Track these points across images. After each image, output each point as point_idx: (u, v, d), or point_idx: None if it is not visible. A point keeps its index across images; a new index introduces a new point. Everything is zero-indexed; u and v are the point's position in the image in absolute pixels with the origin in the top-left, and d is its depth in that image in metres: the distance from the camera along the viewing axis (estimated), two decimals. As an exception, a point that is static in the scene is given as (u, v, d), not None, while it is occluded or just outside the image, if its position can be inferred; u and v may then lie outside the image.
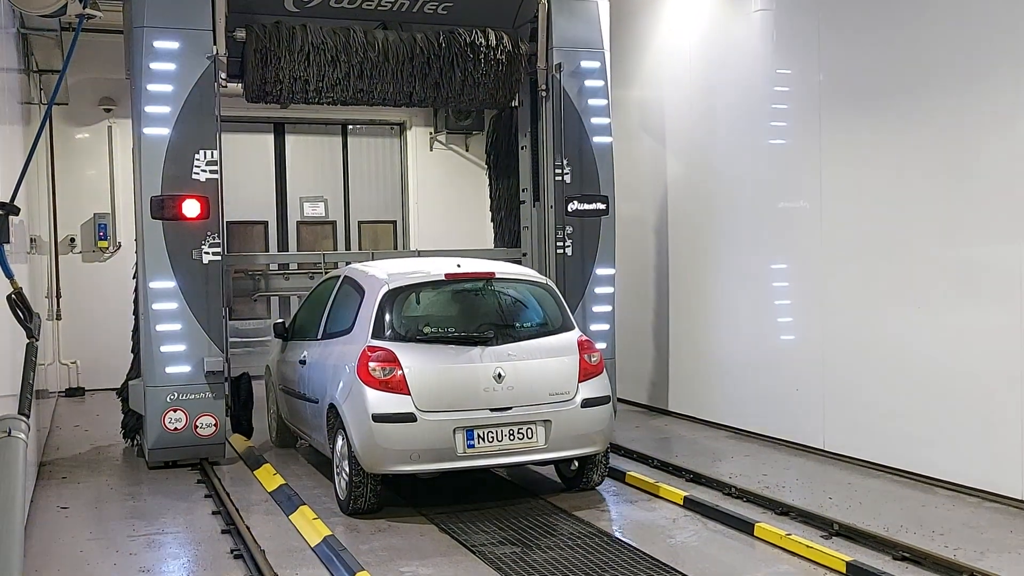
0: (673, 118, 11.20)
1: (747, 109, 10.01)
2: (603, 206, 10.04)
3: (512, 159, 11.12)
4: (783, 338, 9.61)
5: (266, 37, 9.47)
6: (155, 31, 8.70)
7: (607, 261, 10.11)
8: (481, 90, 10.23)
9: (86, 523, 7.37)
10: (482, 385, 7.24)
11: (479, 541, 6.67)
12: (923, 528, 6.69)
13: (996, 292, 7.30)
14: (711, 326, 10.59)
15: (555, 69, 9.88)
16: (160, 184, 8.69)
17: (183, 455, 8.95)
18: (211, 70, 8.82)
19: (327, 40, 9.58)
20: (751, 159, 9.98)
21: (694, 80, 10.82)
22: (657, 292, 11.51)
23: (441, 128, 15.98)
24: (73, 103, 13.85)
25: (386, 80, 9.87)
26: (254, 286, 10.49)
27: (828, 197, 8.92)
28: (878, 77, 8.34)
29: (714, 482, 7.98)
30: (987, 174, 7.37)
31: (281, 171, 15.84)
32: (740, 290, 10.15)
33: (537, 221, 10.43)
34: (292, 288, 10.78)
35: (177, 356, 8.80)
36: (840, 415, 8.83)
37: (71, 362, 14.06)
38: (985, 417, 7.40)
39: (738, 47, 10.11)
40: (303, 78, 9.62)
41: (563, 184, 9.88)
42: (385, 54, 9.75)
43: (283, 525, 7.17)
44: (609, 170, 10.11)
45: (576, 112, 9.96)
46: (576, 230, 9.95)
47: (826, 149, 8.92)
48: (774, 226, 9.66)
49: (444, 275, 7.87)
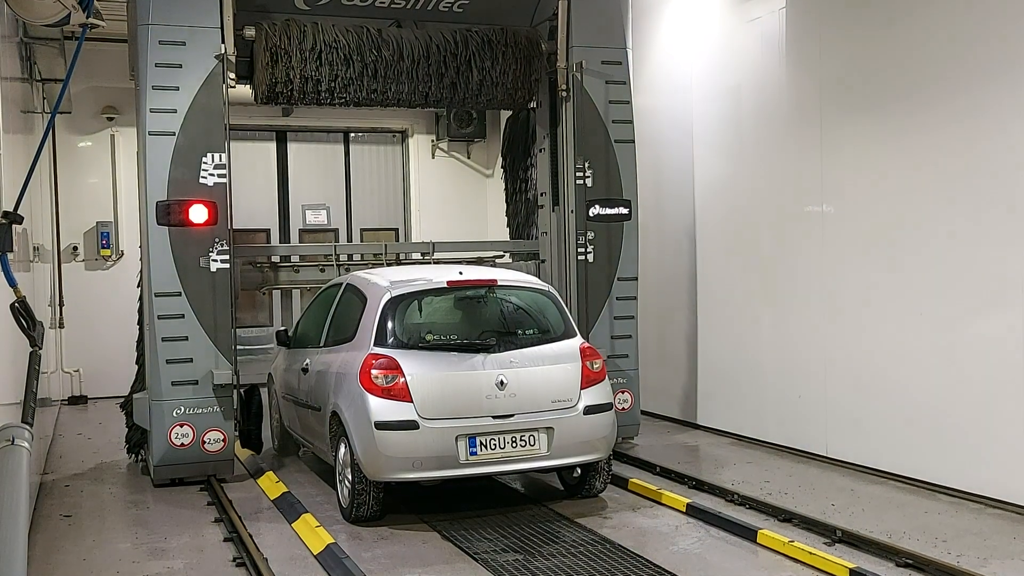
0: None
1: (747, 114, 10.03)
2: (626, 210, 9.71)
3: (529, 162, 10.82)
4: (786, 344, 9.60)
5: (276, 35, 9.14)
6: (161, 29, 8.40)
7: (630, 268, 9.76)
8: (499, 90, 9.87)
9: (89, 532, 7.37)
10: (484, 392, 7.24)
11: (482, 548, 6.67)
12: (926, 534, 6.68)
13: (997, 298, 7.30)
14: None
15: (575, 68, 9.52)
16: (166, 189, 8.39)
17: (190, 472, 8.59)
18: (219, 70, 8.52)
19: (340, 38, 9.26)
20: (742, 164, 10.01)
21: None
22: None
23: (443, 136, 16.03)
24: (76, 112, 13.93)
25: (401, 80, 9.51)
26: (263, 278, 10.03)
27: (829, 203, 8.93)
28: (876, 83, 8.36)
29: (717, 489, 7.98)
30: (987, 181, 7.38)
31: (283, 179, 15.86)
32: (749, 297, 10.14)
33: (556, 226, 10.05)
34: (302, 281, 10.26)
35: (184, 368, 8.46)
36: (842, 421, 8.83)
37: (74, 370, 14.09)
38: (987, 423, 7.40)
39: (741, 52, 10.13)
40: (315, 78, 9.26)
41: (584, 188, 9.56)
42: (400, 53, 9.42)
43: (286, 533, 7.17)
44: (632, 173, 9.78)
45: (598, 113, 9.62)
46: (598, 235, 9.63)
47: (827, 155, 8.93)
48: (778, 232, 9.65)
49: (446, 282, 7.88)
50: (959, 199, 7.60)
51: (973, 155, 7.49)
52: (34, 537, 7.09)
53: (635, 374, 9.76)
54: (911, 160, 8.05)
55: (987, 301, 7.39)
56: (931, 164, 7.84)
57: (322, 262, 10.21)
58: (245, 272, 9.81)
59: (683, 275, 11.07)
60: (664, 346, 11.41)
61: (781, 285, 9.64)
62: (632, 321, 9.79)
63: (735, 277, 10.30)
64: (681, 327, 11.11)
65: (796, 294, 9.44)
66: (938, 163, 7.78)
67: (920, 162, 7.96)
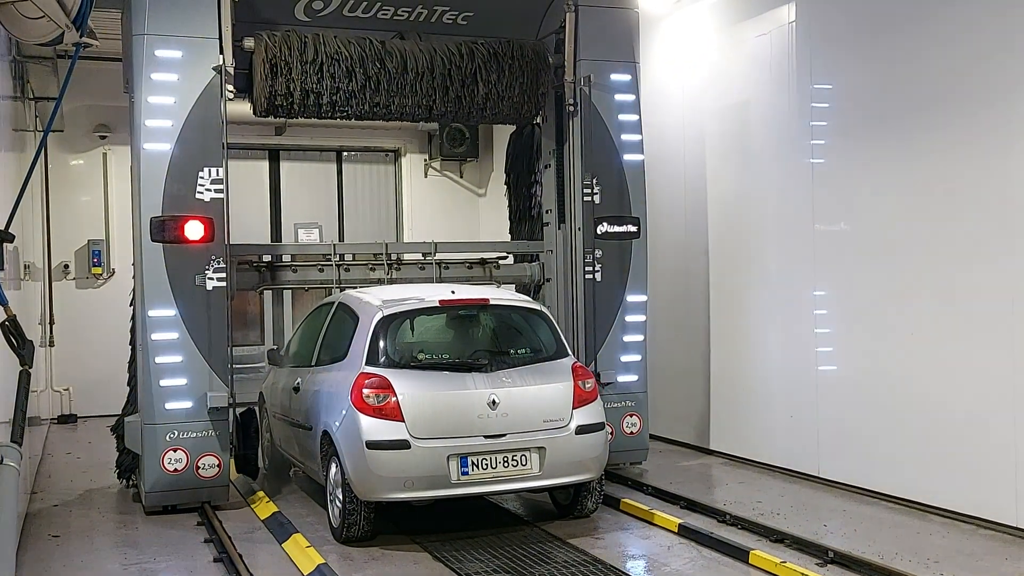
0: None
1: (755, 129, 10.06)
2: (635, 228, 9.46)
3: (534, 179, 10.54)
4: (778, 364, 9.61)
5: (276, 46, 8.85)
6: (156, 39, 8.15)
7: (639, 287, 9.49)
8: (505, 104, 9.61)
9: (77, 551, 7.32)
10: (476, 412, 7.22)
11: (473, 570, 6.63)
12: (918, 556, 6.67)
13: (989, 319, 7.32)
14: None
15: (583, 82, 9.31)
16: (161, 204, 8.11)
17: (183, 499, 8.27)
18: (216, 82, 8.28)
19: (342, 50, 9.00)
20: (752, 180, 10.03)
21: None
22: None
23: (436, 155, 16.06)
24: (68, 130, 13.91)
25: (405, 93, 9.23)
26: (260, 278, 9.66)
27: (819, 222, 8.96)
28: (868, 105, 8.42)
29: (709, 509, 7.96)
30: (985, 201, 7.40)
31: (276, 197, 15.86)
32: (749, 318, 10.10)
33: (563, 244, 9.76)
34: (300, 281, 9.85)
35: (178, 391, 8.15)
36: (835, 442, 8.83)
37: (64, 389, 14.01)
38: (979, 444, 7.40)
39: (748, 67, 10.15)
40: (316, 91, 8.98)
41: (592, 205, 9.31)
42: (404, 65, 9.17)
43: (276, 553, 7.13)
44: (641, 190, 9.53)
45: (606, 128, 9.39)
46: (606, 254, 9.37)
47: (818, 175, 8.97)
48: (770, 252, 9.67)
49: (438, 302, 7.88)
50: (957, 220, 7.60)
51: (975, 174, 7.48)
52: (22, 557, 7.04)
53: (644, 397, 9.50)
54: (914, 178, 8.02)
55: (980, 322, 7.40)
56: (934, 183, 7.82)
57: (321, 262, 9.82)
58: (241, 272, 9.40)
59: (697, 294, 10.76)
60: (676, 367, 11.07)
61: (780, 302, 9.57)
62: (642, 342, 9.52)
63: (743, 294, 10.12)
64: (694, 348, 10.82)
65: (791, 312, 9.45)
66: (941, 182, 7.76)
67: (923, 181, 7.93)
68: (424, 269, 10.07)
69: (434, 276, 9.99)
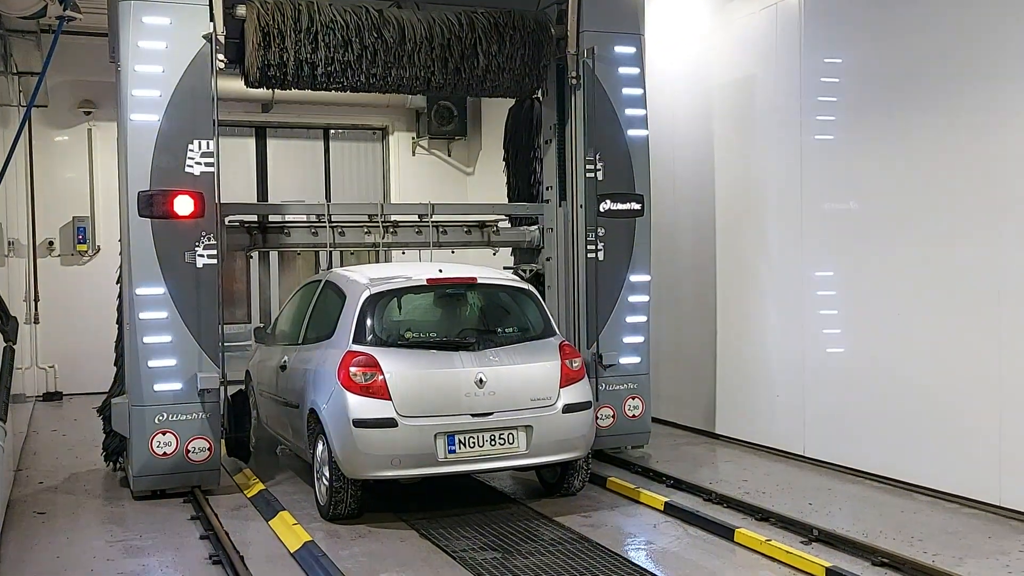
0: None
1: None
2: (638, 206, 9.21)
3: (534, 154, 10.26)
4: (765, 344, 9.63)
5: (269, 14, 8.55)
6: (144, 5, 7.82)
7: (642, 267, 9.26)
8: (506, 76, 9.32)
9: (63, 529, 7.29)
10: (463, 390, 7.22)
11: (460, 547, 6.65)
12: (902, 534, 6.72)
13: (974, 301, 7.35)
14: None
15: (586, 54, 9.04)
16: (149, 178, 7.79)
17: (173, 483, 8.00)
18: (206, 50, 7.94)
19: (337, 18, 8.71)
20: (756, 161, 10.01)
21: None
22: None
23: (423, 133, 16.00)
24: (53, 105, 13.81)
25: (402, 64, 8.94)
26: (251, 240, 9.34)
27: (807, 201, 8.96)
28: (866, 85, 8.41)
29: (695, 488, 7.99)
30: (975, 185, 7.40)
31: (262, 175, 15.78)
32: (739, 297, 10.11)
33: (564, 222, 9.51)
34: (293, 244, 9.57)
35: (167, 372, 7.86)
36: (820, 421, 8.87)
37: (49, 366, 13.97)
38: (963, 423, 7.45)
39: (730, 49, 10.13)
40: (310, 61, 8.66)
41: (595, 181, 9.07)
42: (402, 35, 8.88)
43: (262, 531, 7.13)
44: (645, 166, 9.27)
45: (609, 102, 9.11)
46: (609, 232, 9.15)
47: (806, 155, 8.96)
48: (769, 231, 9.60)
49: (426, 280, 7.87)
50: (948, 202, 7.60)
51: (967, 157, 7.45)
52: (7, 534, 7.02)
53: (647, 379, 9.32)
54: (906, 162, 7.99)
55: (966, 303, 7.43)
56: (926, 165, 7.79)
57: (315, 223, 9.55)
58: (232, 232, 9.10)
59: (705, 274, 10.50)
60: (682, 350, 10.85)
61: (777, 282, 9.49)
62: (644, 323, 9.32)
63: (746, 276, 9.94)
64: (700, 330, 10.58)
65: (779, 293, 9.47)
66: (933, 164, 7.73)
67: (915, 163, 7.90)
68: (420, 232, 9.77)
69: (431, 240, 9.74)
